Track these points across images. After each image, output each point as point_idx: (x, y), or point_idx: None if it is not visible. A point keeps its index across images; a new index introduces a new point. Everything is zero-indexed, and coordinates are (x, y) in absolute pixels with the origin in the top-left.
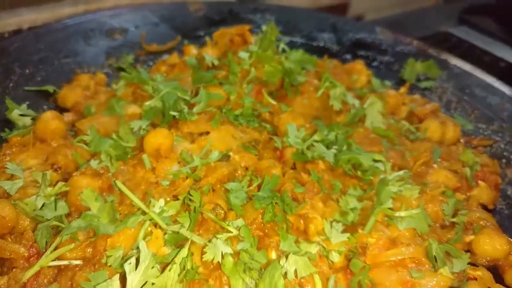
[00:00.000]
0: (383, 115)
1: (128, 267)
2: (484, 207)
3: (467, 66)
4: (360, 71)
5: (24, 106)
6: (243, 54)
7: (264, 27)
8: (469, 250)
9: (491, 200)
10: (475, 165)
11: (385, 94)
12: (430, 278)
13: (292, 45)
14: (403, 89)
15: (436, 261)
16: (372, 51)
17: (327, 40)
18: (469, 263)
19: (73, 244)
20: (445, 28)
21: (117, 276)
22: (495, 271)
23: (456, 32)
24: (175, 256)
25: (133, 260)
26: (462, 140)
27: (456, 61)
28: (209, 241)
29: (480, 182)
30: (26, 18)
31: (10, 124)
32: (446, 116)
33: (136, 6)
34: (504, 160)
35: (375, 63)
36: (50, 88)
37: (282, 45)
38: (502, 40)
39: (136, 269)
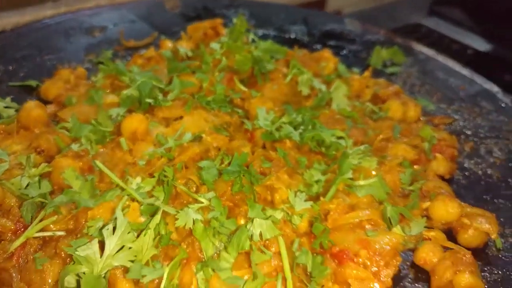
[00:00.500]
0: (348, 98)
1: (106, 232)
2: (442, 178)
3: (430, 52)
4: (327, 58)
5: (8, 99)
6: (215, 45)
7: (234, 20)
8: (426, 215)
9: (448, 171)
10: (432, 140)
11: (350, 79)
12: (384, 236)
13: (265, 38)
14: (366, 73)
15: (390, 222)
16: (341, 41)
17: (298, 32)
18: (426, 227)
19: (56, 216)
20: (416, 19)
21: (96, 240)
22: (451, 233)
23: (426, 23)
24: (149, 223)
25: (110, 226)
26: (424, 119)
27: (420, 48)
28: (181, 209)
29: (437, 154)
30: (9, 20)
31: None
32: (408, 97)
33: (114, 6)
34: (462, 136)
35: (344, 52)
36: (33, 83)
37: (251, 36)
38: (470, 29)
39: (113, 234)
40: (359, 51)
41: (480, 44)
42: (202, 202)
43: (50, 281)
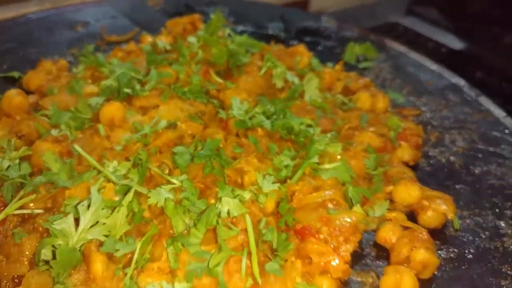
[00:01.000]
0: (320, 90)
1: (81, 208)
2: (407, 164)
3: (402, 48)
4: (302, 53)
5: None
6: (192, 39)
7: (212, 15)
8: (390, 199)
9: (412, 158)
10: (398, 128)
11: (322, 72)
12: (344, 214)
13: (243, 34)
14: (338, 67)
15: (352, 202)
16: (317, 37)
17: (276, 28)
18: (389, 209)
19: (35, 195)
20: (394, 18)
21: (71, 214)
22: (412, 215)
23: (404, 22)
24: (122, 200)
25: (85, 203)
26: (393, 110)
27: (392, 44)
28: (154, 188)
29: (402, 142)
30: None
31: None
32: (377, 89)
33: (98, 2)
34: (429, 127)
35: (319, 48)
36: (16, 74)
37: (228, 31)
38: (445, 28)
39: (88, 210)
40: (334, 47)
41: (454, 43)
42: (175, 183)
43: (27, 253)
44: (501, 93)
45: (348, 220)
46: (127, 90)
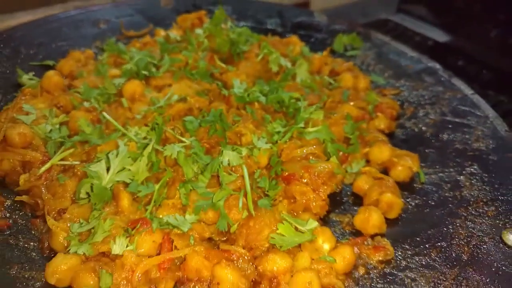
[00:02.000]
0: (310, 73)
1: (111, 156)
2: (383, 133)
3: (386, 38)
4: (294, 42)
5: (30, 74)
6: (199, 31)
7: (215, 11)
8: (367, 159)
9: (387, 127)
10: (375, 102)
11: (311, 57)
12: (322, 163)
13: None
14: (325, 53)
15: (330, 155)
16: (310, 31)
17: (274, 23)
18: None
19: (73, 149)
20: (385, 15)
21: (104, 161)
22: (385, 172)
23: (394, 19)
24: (143, 151)
25: (114, 152)
26: (374, 90)
27: (377, 35)
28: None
29: (379, 113)
30: (24, 19)
31: (21, 87)
32: (359, 72)
33: (117, 3)
34: (406, 104)
35: (312, 39)
36: (50, 62)
37: (229, 23)
38: (431, 23)
39: (116, 157)
40: (325, 38)
41: (440, 36)
42: (185, 142)
43: (69, 191)
44: (480, 80)
45: (326, 167)
46: (145, 72)
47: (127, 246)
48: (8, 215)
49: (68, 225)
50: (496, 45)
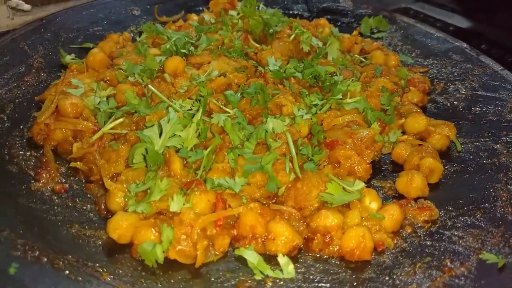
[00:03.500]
0: (341, 52)
1: (162, 122)
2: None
3: (411, 21)
4: (323, 25)
5: (72, 55)
6: (233, 12)
7: None
8: (403, 131)
9: (420, 100)
10: (407, 77)
11: (341, 37)
12: (364, 129)
13: None
14: (355, 33)
15: (370, 123)
16: (336, 15)
17: (300, 9)
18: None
19: (122, 119)
20: (405, 4)
21: (156, 125)
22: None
23: (414, 7)
24: (192, 118)
25: (166, 118)
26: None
27: (402, 17)
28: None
29: (411, 87)
30: (56, 9)
31: (65, 67)
32: (389, 50)
33: None
34: (436, 80)
35: (339, 23)
36: (90, 45)
37: (261, 6)
38: (451, 10)
39: (168, 123)
40: (351, 22)
41: (461, 22)
42: (229, 112)
43: (123, 156)
44: (505, 63)
45: (368, 132)
46: (184, 51)
47: (184, 205)
48: (63, 180)
49: (125, 186)
50: None
